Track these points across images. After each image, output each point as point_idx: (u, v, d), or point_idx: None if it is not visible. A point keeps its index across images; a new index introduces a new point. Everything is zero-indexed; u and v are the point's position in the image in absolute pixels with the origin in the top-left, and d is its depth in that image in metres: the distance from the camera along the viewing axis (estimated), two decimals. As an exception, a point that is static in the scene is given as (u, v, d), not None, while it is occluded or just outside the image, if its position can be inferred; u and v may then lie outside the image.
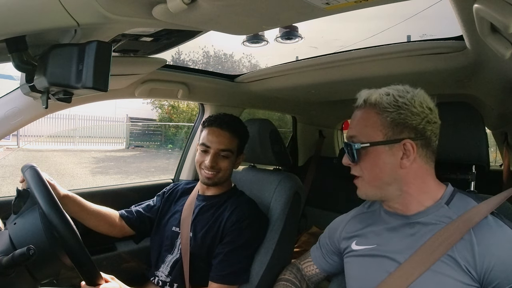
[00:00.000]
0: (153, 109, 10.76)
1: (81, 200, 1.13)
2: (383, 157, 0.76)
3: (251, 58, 13.36)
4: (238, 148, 1.23)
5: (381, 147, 0.76)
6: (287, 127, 2.83)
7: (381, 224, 0.85)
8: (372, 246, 0.83)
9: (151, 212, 1.31)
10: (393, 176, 0.77)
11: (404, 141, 0.75)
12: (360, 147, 0.77)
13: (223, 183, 1.24)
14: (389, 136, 0.75)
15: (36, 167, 0.87)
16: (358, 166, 0.80)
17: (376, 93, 0.79)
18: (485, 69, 1.03)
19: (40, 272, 0.81)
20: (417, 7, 8.92)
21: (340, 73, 1.33)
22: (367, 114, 0.79)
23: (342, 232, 0.94)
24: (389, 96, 0.77)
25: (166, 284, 1.18)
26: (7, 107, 1.11)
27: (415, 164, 0.76)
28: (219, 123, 1.21)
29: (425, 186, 0.78)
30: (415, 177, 0.77)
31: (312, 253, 1.05)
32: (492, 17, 0.54)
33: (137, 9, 0.67)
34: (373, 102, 0.78)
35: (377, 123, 0.77)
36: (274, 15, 0.71)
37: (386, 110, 0.76)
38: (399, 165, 0.76)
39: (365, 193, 0.82)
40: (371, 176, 0.78)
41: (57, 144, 9.14)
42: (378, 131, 0.76)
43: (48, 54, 0.70)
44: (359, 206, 0.97)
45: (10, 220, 0.85)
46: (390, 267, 0.77)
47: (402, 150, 0.75)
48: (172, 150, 9.67)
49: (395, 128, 0.75)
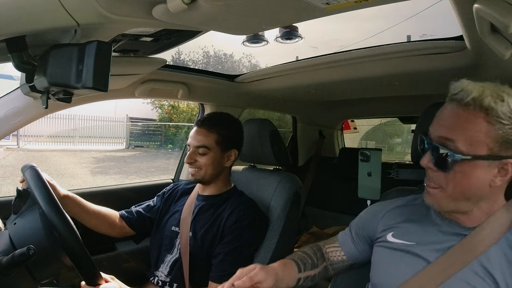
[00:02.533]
0: (153, 109, 10.76)
1: (81, 201, 1.13)
2: (478, 172, 0.65)
3: (251, 58, 13.38)
4: (218, 142, 1.21)
5: (480, 162, 0.65)
6: (287, 127, 2.83)
7: (428, 224, 0.78)
8: (411, 243, 0.77)
9: (151, 212, 1.31)
10: (478, 192, 0.68)
11: (507, 161, 0.64)
12: (461, 159, 0.65)
13: (210, 180, 1.24)
14: (494, 152, 0.64)
15: (36, 167, 0.87)
16: (443, 175, 0.68)
17: (488, 94, 0.65)
18: (485, 69, 1.03)
19: (40, 272, 0.80)
20: (417, 7, 8.94)
21: (340, 73, 1.33)
22: (473, 117, 0.65)
23: (381, 220, 0.87)
24: (503, 103, 0.64)
25: (165, 284, 1.18)
26: (7, 107, 1.11)
27: (502, 184, 0.68)
28: (198, 122, 1.26)
29: (495, 204, 0.71)
30: (494, 195, 0.70)
31: (341, 238, 0.96)
32: (492, 17, 0.54)
33: (137, 9, 0.67)
34: (486, 106, 0.64)
35: (485, 133, 0.64)
36: (274, 15, 0.71)
37: (500, 121, 0.63)
38: (489, 183, 0.66)
39: (439, 203, 0.72)
40: (456, 190, 0.68)
41: (57, 144, 9.13)
42: (484, 143, 0.64)
43: (48, 54, 0.70)
44: (402, 197, 0.90)
45: (10, 220, 0.85)
46: (421, 268, 0.73)
47: (499, 167, 0.65)
48: (172, 150, 9.67)
49: (503, 144, 0.64)
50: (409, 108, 2.02)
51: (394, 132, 5.83)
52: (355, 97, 1.89)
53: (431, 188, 0.72)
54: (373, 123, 4.40)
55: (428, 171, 0.72)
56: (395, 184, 1.11)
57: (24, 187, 0.90)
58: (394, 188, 1.07)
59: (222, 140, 1.22)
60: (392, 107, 2.15)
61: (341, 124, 2.68)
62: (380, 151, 1.47)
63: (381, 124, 4.93)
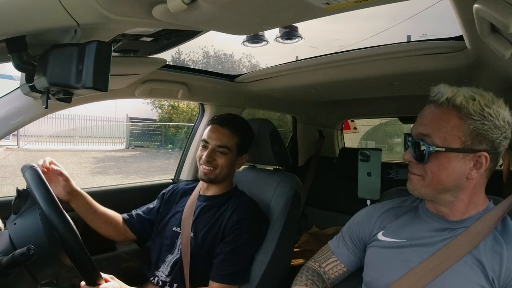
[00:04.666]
0: (153, 109, 10.75)
1: (90, 200, 1.15)
2: (454, 164, 0.73)
3: (251, 58, 13.38)
4: (238, 146, 1.24)
5: (455, 154, 0.73)
6: (287, 127, 2.83)
7: (417, 221, 0.84)
8: (400, 240, 0.83)
9: (150, 214, 1.32)
10: (456, 184, 0.75)
11: (480, 153, 0.72)
12: (435, 150, 0.73)
13: (220, 181, 1.24)
14: (467, 145, 0.72)
15: (36, 167, 0.87)
16: (422, 166, 0.76)
17: (461, 94, 0.73)
18: (485, 69, 1.03)
19: (40, 272, 0.80)
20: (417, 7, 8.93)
21: (340, 73, 1.33)
22: (447, 115, 0.73)
23: (375, 223, 0.91)
24: (475, 102, 0.72)
25: (166, 284, 1.18)
26: (7, 107, 1.11)
27: (479, 176, 0.75)
28: (220, 121, 1.25)
29: (476, 198, 0.78)
30: (474, 188, 0.76)
31: (336, 251, 0.97)
32: (492, 17, 0.54)
33: (137, 9, 0.67)
34: (458, 105, 0.72)
35: (457, 128, 0.72)
36: (274, 15, 0.71)
37: (471, 117, 0.71)
38: (466, 175, 0.74)
39: (418, 191, 0.79)
40: (434, 180, 0.75)
41: (57, 144, 9.13)
42: (457, 137, 0.72)
43: (48, 54, 0.70)
44: (392, 200, 0.96)
45: (10, 220, 0.85)
46: (414, 263, 0.77)
47: (474, 161, 0.73)
48: (172, 150, 9.67)
49: (475, 138, 0.72)
50: (409, 108, 2.01)
51: (394, 132, 5.82)
52: (355, 97, 1.89)
53: (412, 176, 0.79)
54: (373, 123, 4.40)
55: (410, 164, 0.80)
56: (395, 184, 1.12)
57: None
58: (393, 188, 1.07)
59: (241, 144, 1.25)
60: (392, 107, 2.14)
61: (341, 124, 2.68)
62: (380, 151, 1.47)
63: (381, 124, 4.92)
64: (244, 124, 1.30)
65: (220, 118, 1.26)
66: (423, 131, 0.76)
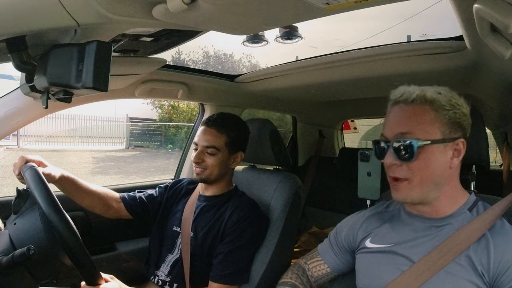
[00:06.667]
0: (153, 109, 10.77)
1: (77, 180, 1.13)
2: (437, 156, 0.74)
3: (251, 58, 13.39)
4: (227, 144, 1.22)
5: (437, 146, 0.74)
6: (287, 127, 2.83)
7: (401, 225, 0.84)
8: (388, 245, 0.83)
9: (152, 202, 1.31)
10: (441, 176, 0.75)
11: (458, 140, 0.75)
12: (423, 144, 0.73)
13: (215, 181, 1.24)
14: (446, 134, 0.74)
15: (36, 167, 0.87)
16: (407, 166, 0.75)
17: (427, 90, 0.76)
18: (485, 69, 1.03)
19: (40, 272, 0.81)
20: (417, 7, 8.94)
21: (340, 73, 1.33)
22: (422, 109, 0.75)
23: (359, 229, 0.93)
24: (441, 95, 0.75)
25: (166, 283, 1.18)
26: (7, 107, 1.12)
27: (457, 166, 0.77)
28: (207, 121, 1.24)
29: (456, 190, 0.79)
30: (454, 179, 0.78)
31: (322, 252, 1.01)
32: (492, 17, 0.54)
33: (137, 9, 0.67)
34: (430, 99, 0.75)
35: (435, 120, 0.74)
36: (274, 15, 0.71)
37: (444, 108, 0.74)
38: (449, 165, 0.75)
39: (408, 196, 0.77)
40: (422, 177, 0.74)
41: (57, 144, 9.13)
42: (436, 128, 0.74)
43: (48, 54, 0.71)
44: (376, 205, 0.97)
45: (10, 220, 0.85)
46: (404, 266, 0.78)
47: (452, 149, 0.75)
48: (172, 150, 9.67)
49: (451, 126, 0.74)
50: None
51: (394, 132, 5.81)
52: (355, 97, 1.89)
53: (398, 183, 0.77)
54: (373, 123, 4.39)
55: (392, 168, 0.77)
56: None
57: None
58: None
59: (231, 142, 1.23)
60: None
61: (341, 124, 2.68)
62: (380, 151, 1.47)
63: (381, 124, 4.92)
64: (234, 122, 1.27)
65: (208, 119, 1.26)
66: (402, 130, 0.75)
